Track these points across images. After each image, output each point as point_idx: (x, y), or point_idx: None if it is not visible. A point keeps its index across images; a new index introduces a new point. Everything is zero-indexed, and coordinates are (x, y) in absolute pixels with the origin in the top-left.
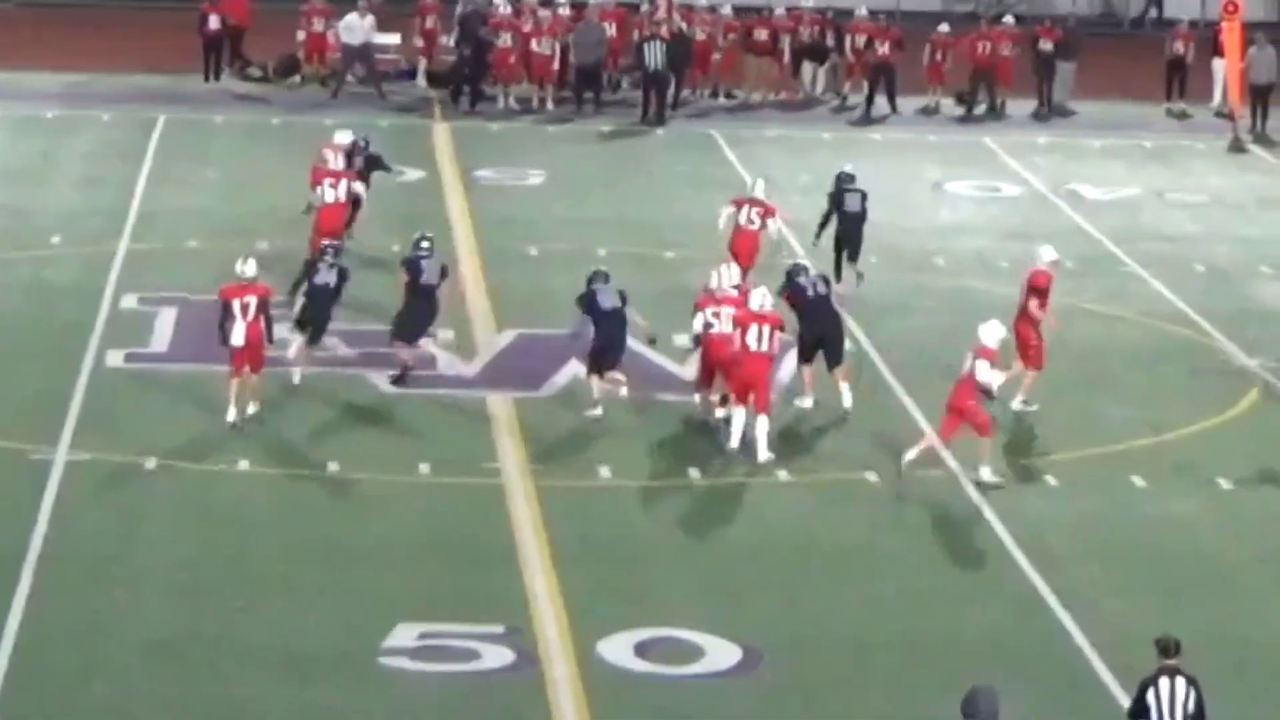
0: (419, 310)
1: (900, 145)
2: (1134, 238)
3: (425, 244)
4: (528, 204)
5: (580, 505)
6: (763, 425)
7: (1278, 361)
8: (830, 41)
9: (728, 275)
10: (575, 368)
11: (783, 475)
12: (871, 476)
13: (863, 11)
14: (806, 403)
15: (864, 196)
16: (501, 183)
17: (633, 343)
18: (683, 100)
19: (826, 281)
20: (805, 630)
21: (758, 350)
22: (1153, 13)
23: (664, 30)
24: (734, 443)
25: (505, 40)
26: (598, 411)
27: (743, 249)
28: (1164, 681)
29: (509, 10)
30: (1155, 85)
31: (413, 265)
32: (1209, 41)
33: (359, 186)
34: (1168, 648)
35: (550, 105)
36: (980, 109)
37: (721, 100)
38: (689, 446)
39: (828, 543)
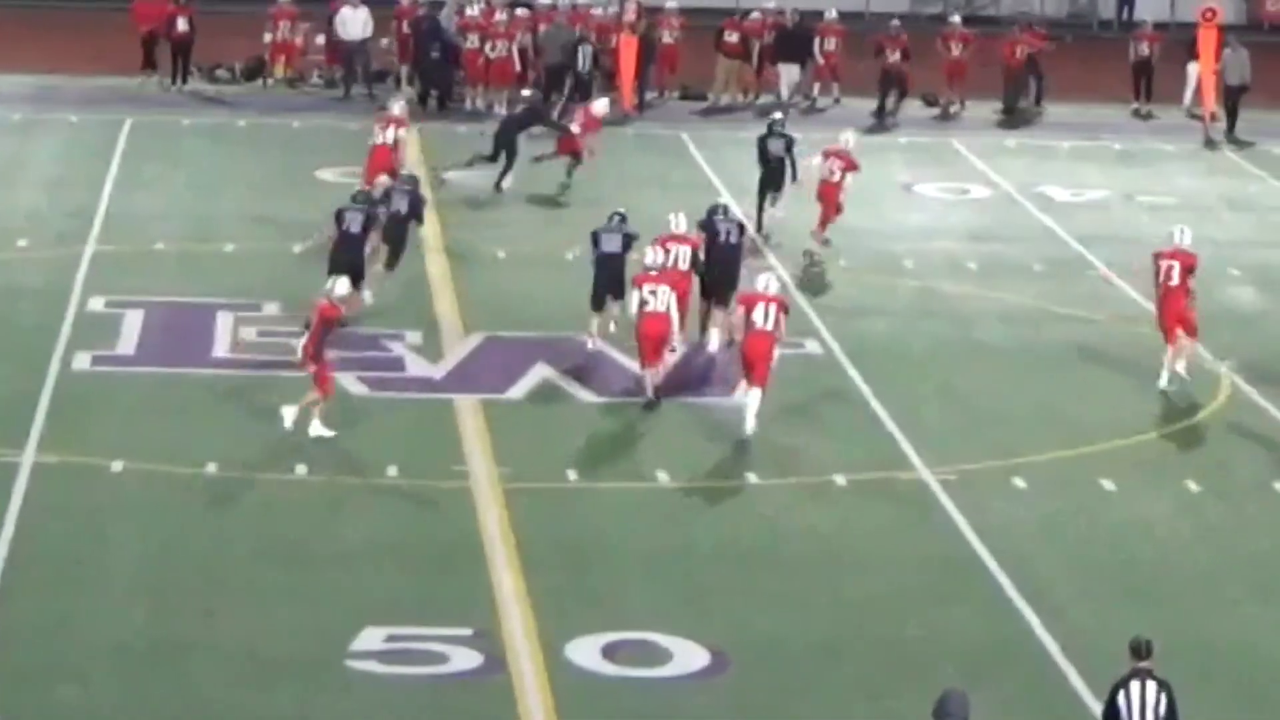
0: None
1: (870, 147)
2: (1103, 239)
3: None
4: (496, 206)
5: (548, 508)
6: (755, 398)
7: (1247, 364)
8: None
9: (653, 255)
10: (543, 370)
11: (751, 478)
12: (840, 479)
13: (832, 14)
14: (712, 344)
15: (789, 143)
16: (470, 185)
17: (604, 346)
18: (648, 103)
19: (741, 229)
20: (774, 633)
21: (762, 328)
22: (1123, 14)
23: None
24: (749, 429)
25: (473, 42)
26: (590, 345)
27: (826, 198)
28: (1135, 685)
29: (478, 12)
30: (1124, 87)
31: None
32: (1182, 44)
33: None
34: (1139, 650)
35: (500, 108)
36: (955, 110)
37: (691, 102)
38: (657, 449)
39: (796, 545)
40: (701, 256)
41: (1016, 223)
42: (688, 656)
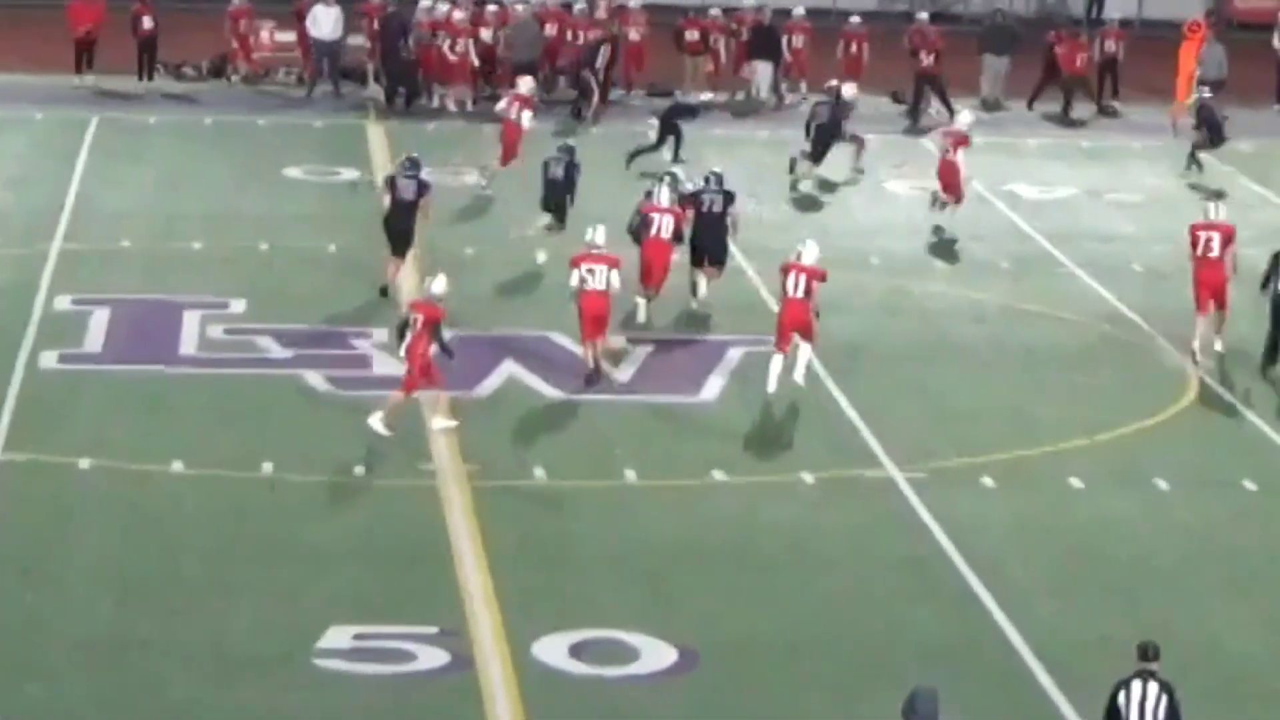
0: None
1: (840, 145)
2: (1072, 237)
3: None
4: (460, 204)
5: (515, 506)
6: (805, 352)
7: (1212, 361)
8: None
9: (597, 233)
10: (510, 367)
11: (718, 476)
12: (808, 477)
13: (800, 11)
14: (701, 290)
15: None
16: (438, 182)
17: (568, 343)
18: (614, 100)
19: (727, 199)
20: (742, 631)
21: (794, 296)
22: (1093, 12)
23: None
24: (771, 386)
25: (436, 40)
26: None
27: (945, 178)
28: (1136, 684)
29: (445, 11)
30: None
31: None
32: (1148, 41)
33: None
34: (1145, 652)
35: (453, 105)
36: (933, 110)
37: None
38: (624, 446)
39: (764, 544)
40: (686, 228)
41: (985, 220)
42: (655, 655)
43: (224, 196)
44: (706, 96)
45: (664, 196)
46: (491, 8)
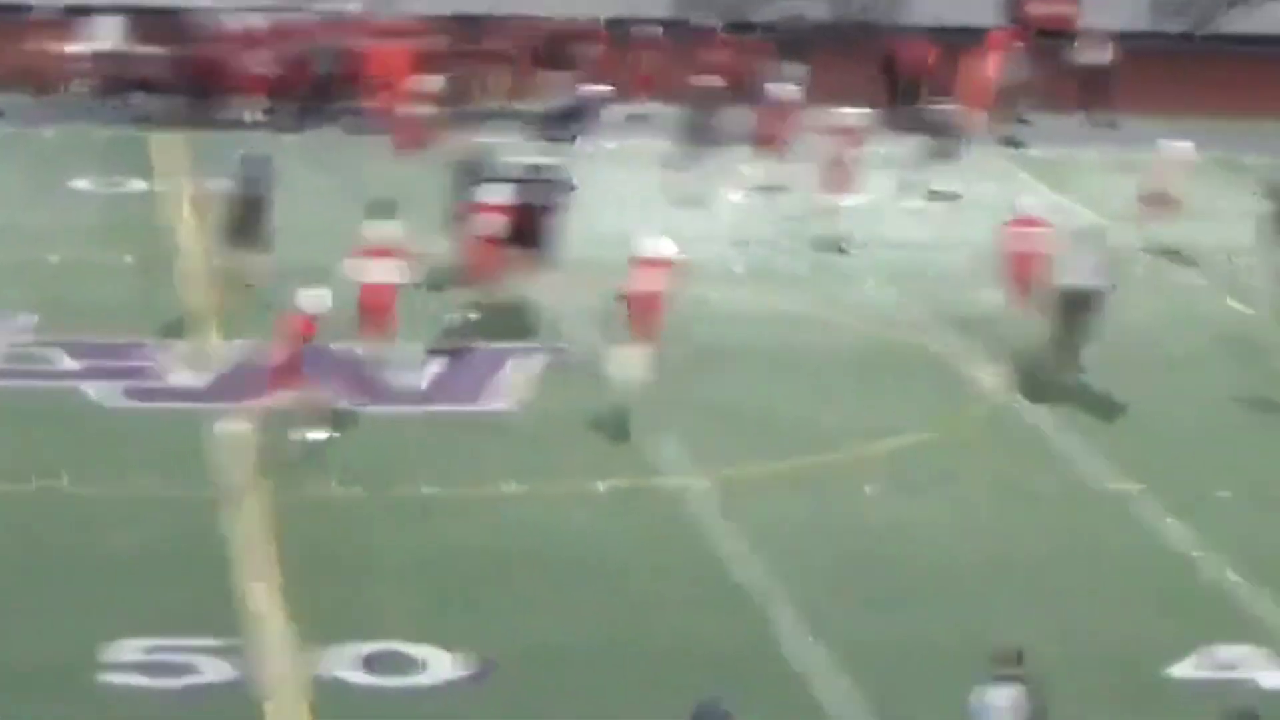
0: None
1: (636, 152)
2: (865, 244)
3: None
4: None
5: (306, 517)
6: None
7: (1007, 367)
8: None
9: (380, 227)
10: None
11: (512, 485)
12: (601, 485)
13: (596, 21)
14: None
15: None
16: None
17: (360, 351)
18: None
19: (548, 191)
20: (535, 641)
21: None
22: (893, 19)
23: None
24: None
25: (238, 52)
26: None
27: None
28: (997, 687)
29: (243, 22)
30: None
31: None
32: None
33: None
34: (1007, 658)
35: (247, 116)
36: None
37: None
38: (419, 456)
39: (558, 553)
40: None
41: (784, 227)
42: (447, 665)
43: (10, 209)
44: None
45: (493, 193)
46: (284, 18)
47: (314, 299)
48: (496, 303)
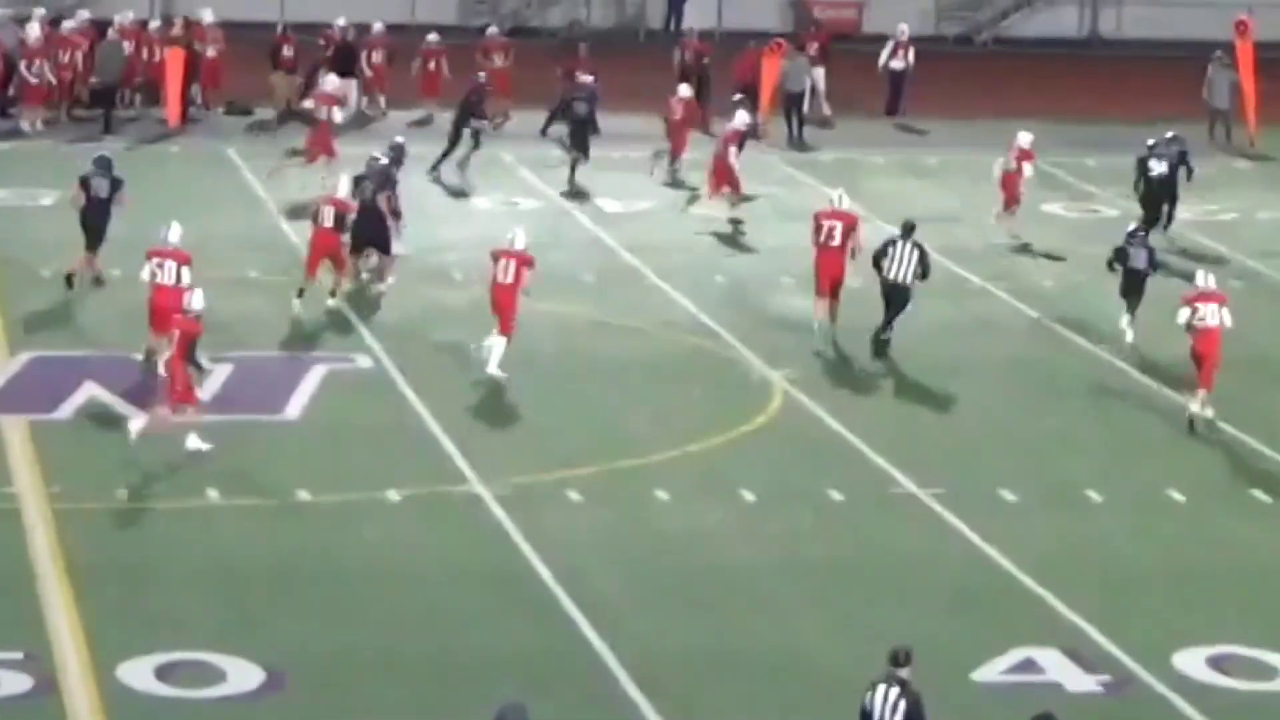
0: None
1: (422, 160)
2: (654, 250)
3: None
4: (42, 225)
5: (99, 528)
6: (499, 344)
7: (800, 371)
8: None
9: (171, 230)
10: (91, 389)
11: (303, 494)
12: (394, 495)
13: (379, 27)
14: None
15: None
16: (13, 204)
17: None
18: (192, 117)
19: (375, 189)
20: (330, 650)
21: (502, 281)
22: (670, 24)
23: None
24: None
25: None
26: None
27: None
28: (881, 687)
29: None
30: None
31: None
32: (726, 51)
33: None
34: (895, 658)
35: (26, 126)
36: (499, 121)
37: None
38: (208, 466)
39: (351, 562)
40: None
41: (567, 234)
42: (243, 675)
43: None
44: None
45: (341, 186)
46: (69, 24)
47: (197, 298)
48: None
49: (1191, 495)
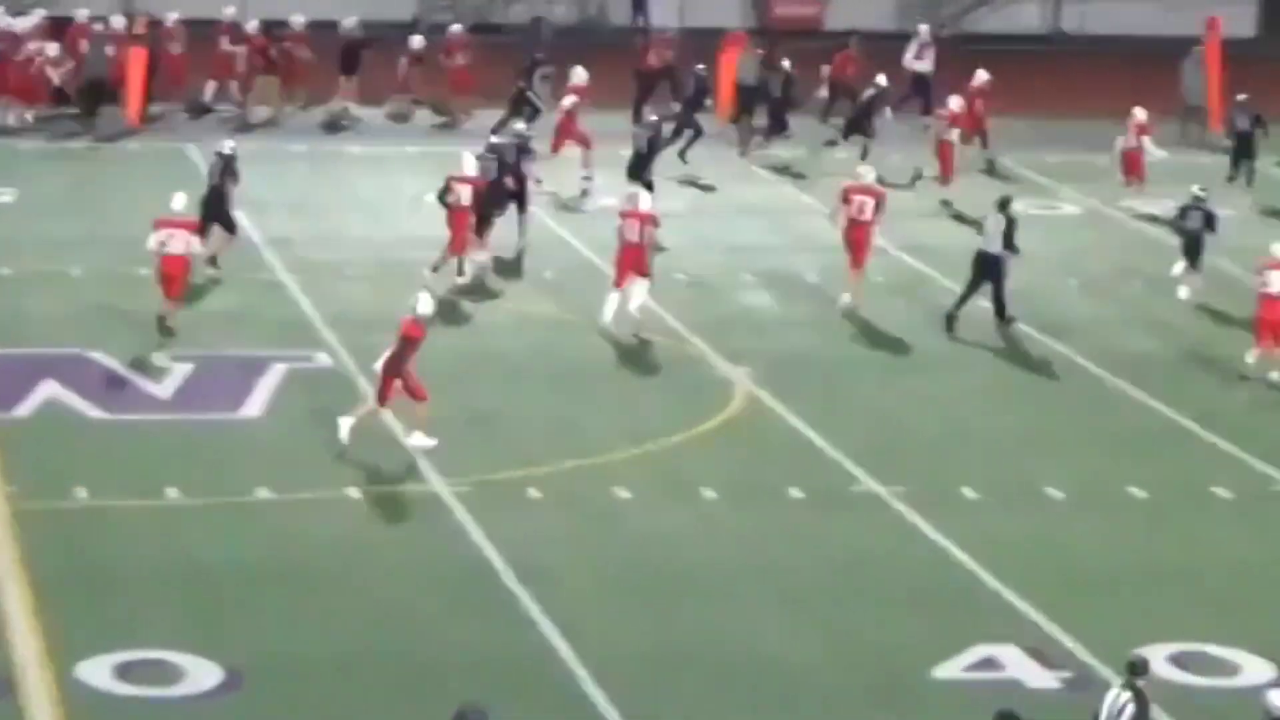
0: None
1: (380, 159)
2: (614, 248)
3: None
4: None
5: (58, 527)
6: (641, 287)
7: (762, 369)
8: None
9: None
10: (51, 388)
11: (263, 493)
12: (354, 493)
13: (299, 19)
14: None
15: None
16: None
17: (105, 359)
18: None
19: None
20: (288, 649)
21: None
22: (639, 21)
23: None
24: (607, 318)
25: None
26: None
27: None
28: (1113, 691)
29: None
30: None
31: None
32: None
33: None
34: (1133, 666)
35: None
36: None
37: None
38: (167, 465)
39: (312, 561)
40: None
41: (530, 231)
42: (201, 675)
43: None
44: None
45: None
46: (25, 21)
47: (425, 301)
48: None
49: (1153, 492)
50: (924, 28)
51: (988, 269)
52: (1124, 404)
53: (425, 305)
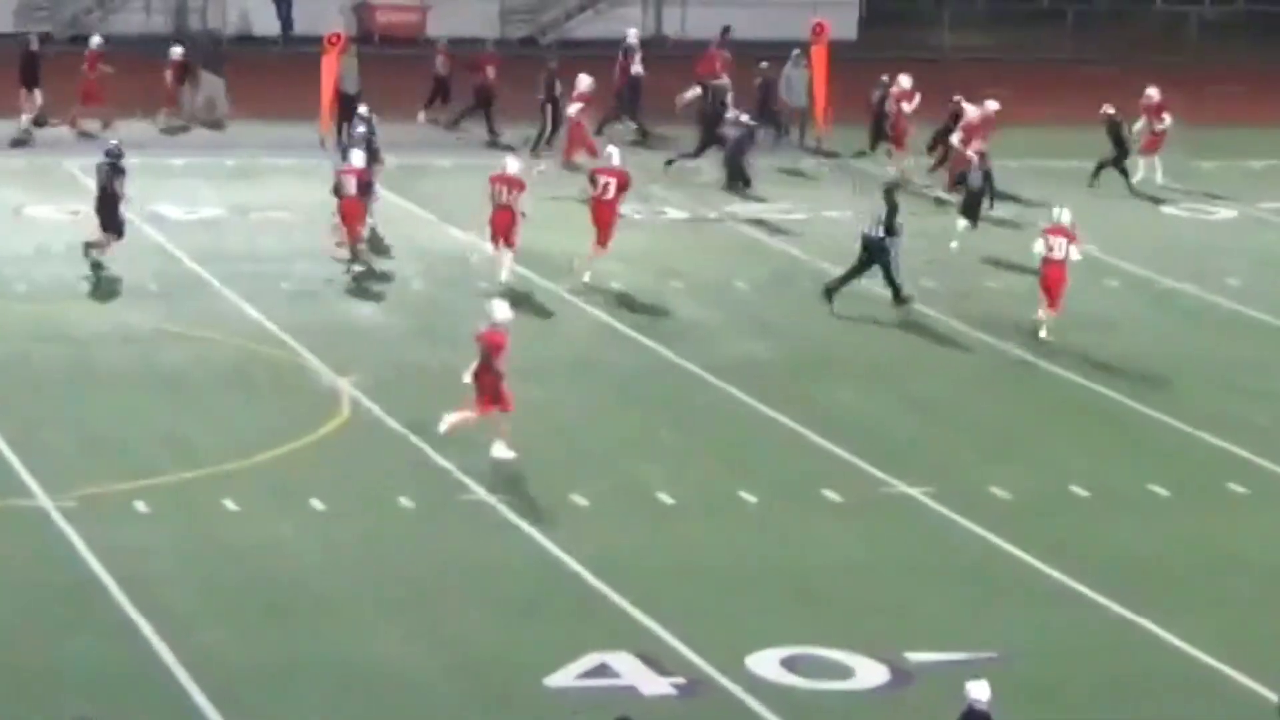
0: None
1: None
2: (219, 257)
3: None
4: None
5: None
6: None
7: (367, 379)
8: None
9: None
10: None
11: None
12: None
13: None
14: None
15: None
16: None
17: None
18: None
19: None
20: None
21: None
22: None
23: None
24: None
25: None
26: None
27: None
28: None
29: None
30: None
31: None
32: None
33: None
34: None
35: None
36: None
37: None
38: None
39: None
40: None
41: (131, 243)
42: None
43: None
44: None
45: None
46: None
47: (501, 308)
48: None
49: (762, 496)
50: (633, 31)
51: (873, 252)
52: (733, 408)
53: (503, 311)
